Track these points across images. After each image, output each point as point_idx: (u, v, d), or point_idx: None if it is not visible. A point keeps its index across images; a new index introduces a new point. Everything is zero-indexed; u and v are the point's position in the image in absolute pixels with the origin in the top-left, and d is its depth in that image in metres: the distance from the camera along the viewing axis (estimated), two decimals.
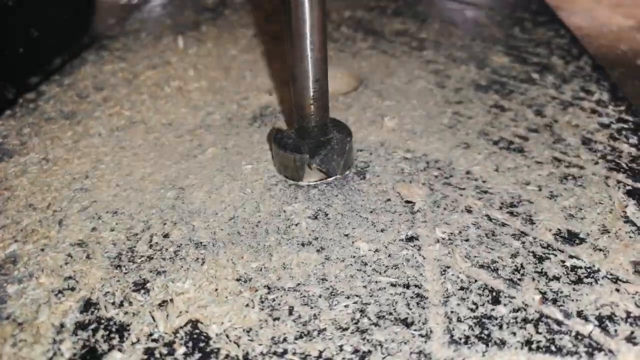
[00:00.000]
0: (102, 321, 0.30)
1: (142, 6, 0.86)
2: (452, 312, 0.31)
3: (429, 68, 0.61)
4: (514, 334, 0.29)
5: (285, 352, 0.28)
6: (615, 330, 0.30)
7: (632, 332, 0.30)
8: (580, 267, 0.34)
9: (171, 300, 0.31)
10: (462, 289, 0.32)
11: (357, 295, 0.32)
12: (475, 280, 0.33)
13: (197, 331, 0.29)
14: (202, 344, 0.29)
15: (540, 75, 0.60)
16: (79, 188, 0.41)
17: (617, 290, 0.32)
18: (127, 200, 0.39)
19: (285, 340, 0.29)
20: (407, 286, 0.32)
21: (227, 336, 0.29)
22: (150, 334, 0.29)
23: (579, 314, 0.31)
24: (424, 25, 0.74)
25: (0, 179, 0.43)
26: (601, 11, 1.25)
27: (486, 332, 0.30)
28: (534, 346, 0.29)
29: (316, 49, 0.38)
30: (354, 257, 0.34)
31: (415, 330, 0.30)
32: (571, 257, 0.35)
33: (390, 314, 0.31)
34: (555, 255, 0.35)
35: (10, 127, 0.50)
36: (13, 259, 0.34)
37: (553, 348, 0.29)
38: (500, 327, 0.30)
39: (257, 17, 0.77)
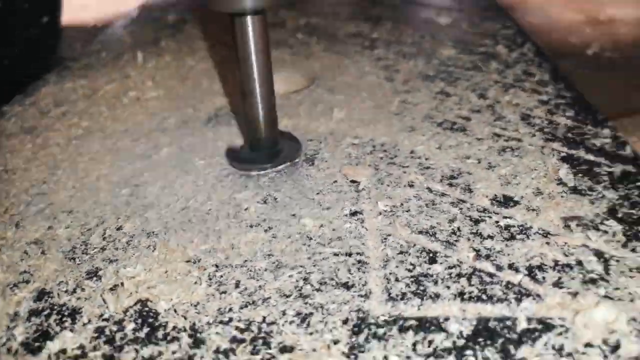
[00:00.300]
0: (55, 307, 0.31)
1: (105, 29, 0.88)
2: (390, 273, 0.32)
3: (379, 64, 0.64)
4: (448, 287, 0.31)
5: (230, 320, 0.30)
6: (544, 277, 0.31)
7: (560, 278, 0.31)
8: (514, 226, 0.36)
9: (122, 283, 0.32)
10: (401, 252, 0.34)
11: (301, 266, 0.33)
12: (414, 245, 0.35)
13: (146, 309, 0.31)
14: (150, 320, 0.30)
15: (485, 63, 0.63)
16: (36, 193, 0.42)
17: (547, 243, 0.34)
18: (82, 199, 0.41)
19: (230, 310, 0.30)
20: (350, 254, 0.34)
21: (175, 311, 0.30)
22: (101, 315, 0.30)
23: (510, 266, 0.33)
24: (376, 27, 0.77)
25: None
26: (553, 8, 1.31)
27: (422, 288, 0.31)
28: (466, 297, 0.30)
29: (262, 72, 0.41)
30: (300, 233, 0.36)
31: (355, 291, 0.31)
32: (505, 217, 0.37)
33: (332, 279, 0.32)
34: (491, 217, 0.37)
35: None
36: None
37: (484, 297, 0.30)
38: (436, 282, 0.31)
39: (215, 30, 0.79)
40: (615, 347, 0.27)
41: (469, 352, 0.27)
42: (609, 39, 1.04)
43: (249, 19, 0.38)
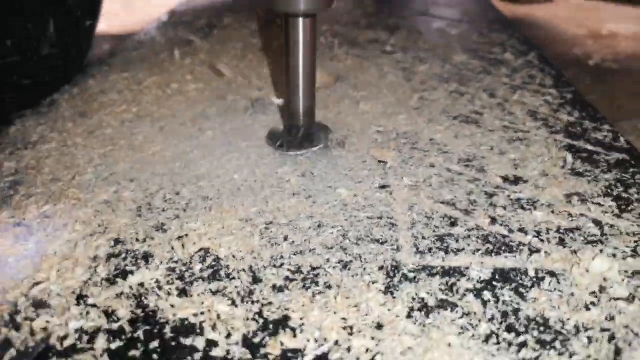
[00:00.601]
0: (129, 252, 0.36)
1: (137, 31, 0.94)
2: (417, 233, 0.38)
3: (398, 66, 0.70)
4: (468, 244, 0.36)
5: (282, 264, 0.35)
6: (549, 239, 0.37)
7: (563, 239, 0.37)
8: (523, 199, 0.41)
9: (186, 235, 0.37)
10: (426, 217, 0.39)
11: (340, 226, 0.38)
12: (437, 212, 0.40)
13: (209, 254, 0.36)
14: (213, 262, 0.35)
15: (494, 67, 0.69)
16: (98, 164, 0.47)
17: (552, 212, 0.39)
18: (141, 170, 0.46)
19: (282, 257, 0.35)
20: (381, 218, 0.39)
21: (234, 256, 0.35)
22: (171, 258, 0.35)
23: (521, 230, 0.38)
24: (393, 34, 0.83)
25: (26, 162, 0.49)
26: (558, 23, 1.37)
27: (445, 244, 0.36)
28: (482, 251, 0.36)
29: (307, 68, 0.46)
30: (337, 200, 0.41)
31: (387, 246, 0.36)
32: (515, 192, 0.42)
33: (367, 236, 0.37)
34: (503, 192, 0.42)
35: (27, 126, 0.56)
36: (47, 217, 0.41)
37: (499, 252, 0.36)
38: (457, 240, 0.37)
39: (244, 33, 0.86)
40: (608, 290, 0.32)
41: (487, 292, 0.32)
42: (609, 51, 1.10)
43: (301, 20, 0.44)
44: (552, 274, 0.34)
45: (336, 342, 0.29)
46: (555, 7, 1.56)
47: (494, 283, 0.33)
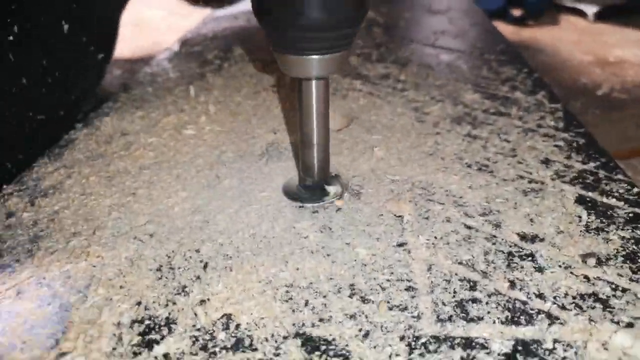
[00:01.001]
0: (153, 318, 0.37)
1: (149, 60, 0.95)
2: (437, 298, 0.38)
3: (411, 106, 0.70)
4: (488, 312, 0.37)
5: (304, 333, 0.35)
6: (565, 305, 0.37)
7: (580, 306, 0.37)
8: (540, 260, 0.41)
9: (208, 299, 0.38)
10: (445, 281, 0.40)
11: (359, 289, 0.39)
12: (456, 274, 0.40)
13: (231, 321, 0.36)
14: (236, 330, 0.35)
15: (505, 107, 0.69)
16: (118, 217, 0.48)
17: (569, 274, 0.40)
18: (161, 224, 0.47)
19: (303, 325, 0.36)
20: (400, 281, 0.40)
21: (256, 324, 0.36)
22: (194, 325, 0.36)
23: (539, 296, 0.38)
24: (404, 69, 0.84)
25: (46, 213, 0.50)
26: (564, 47, 1.38)
27: (465, 311, 0.37)
28: (503, 320, 0.36)
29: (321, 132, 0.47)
30: (355, 260, 0.42)
31: (408, 313, 0.37)
32: (533, 252, 0.42)
33: (387, 302, 0.38)
34: (520, 252, 0.42)
35: (43, 171, 0.57)
36: (69, 277, 0.41)
37: (519, 321, 0.36)
38: (477, 308, 0.37)
39: (257, 67, 0.86)
40: None
41: None
42: (618, 80, 1.11)
43: (314, 82, 0.44)
44: (570, 346, 0.34)
45: None
46: (560, 30, 1.57)
47: (516, 355, 0.33)
